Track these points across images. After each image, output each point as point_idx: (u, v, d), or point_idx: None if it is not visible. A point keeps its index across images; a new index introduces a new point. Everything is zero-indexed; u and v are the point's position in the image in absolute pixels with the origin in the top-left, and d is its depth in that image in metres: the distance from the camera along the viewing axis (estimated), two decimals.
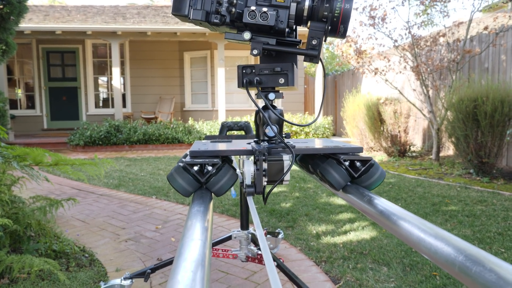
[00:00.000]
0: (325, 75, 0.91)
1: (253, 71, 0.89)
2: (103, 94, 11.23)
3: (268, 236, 2.22)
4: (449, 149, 6.52)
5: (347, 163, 0.85)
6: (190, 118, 9.52)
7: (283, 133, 0.93)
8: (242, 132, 1.93)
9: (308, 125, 0.87)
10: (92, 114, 10.81)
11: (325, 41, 0.83)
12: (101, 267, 2.34)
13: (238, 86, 0.90)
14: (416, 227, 0.57)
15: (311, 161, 0.97)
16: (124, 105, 10.76)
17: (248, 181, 0.81)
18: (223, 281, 2.14)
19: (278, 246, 2.46)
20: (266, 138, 0.91)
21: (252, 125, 8.93)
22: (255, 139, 0.96)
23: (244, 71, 0.88)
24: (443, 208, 3.50)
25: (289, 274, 1.71)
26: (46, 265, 1.93)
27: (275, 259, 1.77)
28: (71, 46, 10.68)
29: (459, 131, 4.80)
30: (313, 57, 0.84)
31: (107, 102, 11.15)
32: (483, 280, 0.41)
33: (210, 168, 0.81)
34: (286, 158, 0.83)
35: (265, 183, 0.82)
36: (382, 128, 6.82)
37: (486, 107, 4.49)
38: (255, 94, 0.91)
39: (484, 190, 4.16)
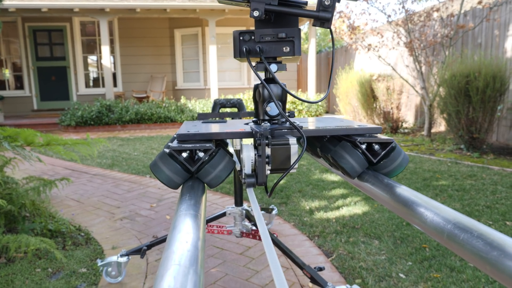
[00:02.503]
0: (333, 44, 0.78)
1: (253, 37, 0.76)
2: (93, 74, 11.05)
3: (262, 212, 2.25)
4: (440, 125, 6.58)
5: (364, 146, 0.72)
6: (182, 96, 9.44)
7: (287, 111, 0.80)
8: (235, 110, 1.92)
9: (319, 101, 0.75)
10: (82, 94, 10.67)
11: (338, 1, 0.70)
12: (97, 245, 2.36)
13: (235, 56, 0.77)
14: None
15: (319, 143, 0.85)
16: (115, 85, 10.62)
17: (247, 169, 0.69)
18: (218, 256, 2.18)
19: (272, 222, 2.50)
20: (267, 118, 0.79)
21: (245, 103, 8.87)
22: (253, 119, 0.84)
23: (241, 38, 0.75)
24: (434, 183, 3.55)
25: (283, 249, 1.75)
26: (43, 244, 1.95)
27: (269, 234, 1.80)
28: (58, 24, 10.42)
29: (451, 107, 4.83)
30: (325, 21, 0.71)
31: (97, 82, 10.99)
32: (471, 246, 0.43)
33: (201, 154, 0.68)
34: (293, 142, 0.70)
35: (268, 172, 0.70)
36: (374, 105, 6.84)
37: (478, 82, 4.50)
38: (254, 67, 0.77)
39: (474, 165, 4.23)
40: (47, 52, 10.62)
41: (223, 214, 2.02)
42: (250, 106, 8.87)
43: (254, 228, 1.91)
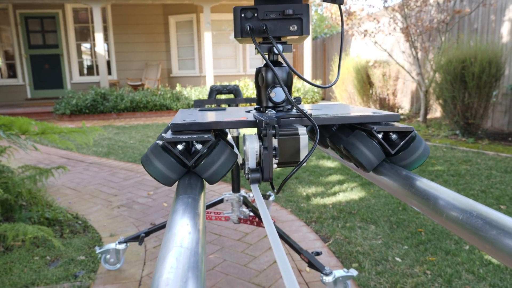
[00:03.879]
0: (342, 22, 0.70)
1: (256, 15, 0.68)
2: (87, 62, 10.93)
3: None
4: (436, 111, 6.59)
5: (380, 136, 0.65)
6: (177, 84, 9.37)
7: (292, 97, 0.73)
8: (232, 96, 1.91)
9: (331, 86, 0.68)
10: (76, 82, 10.57)
11: None
12: (95, 233, 2.37)
13: (236, 36, 0.70)
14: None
15: (327, 133, 0.79)
16: (109, 72, 10.52)
17: (251, 163, 0.62)
18: (216, 242, 2.19)
19: (269, 208, 2.51)
20: (270, 105, 0.72)
21: (241, 89, 8.80)
22: (255, 106, 0.77)
23: (243, 15, 0.68)
24: (430, 168, 3.58)
25: (280, 234, 1.76)
26: (40, 232, 1.95)
27: None
28: (51, 11, 10.26)
29: (447, 93, 4.84)
30: None
31: (91, 70, 10.87)
32: (470, 226, 0.43)
33: (199, 146, 0.61)
34: (303, 131, 0.63)
35: (275, 165, 0.63)
36: (371, 91, 6.83)
37: (474, 68, 4.50)
38: (258, 46, 0.69)
39: (469, 150, 4.26)
40: (40, 40, 10.47)
41: (221, 201, 2.03)
42: (246, 94, 8.83)
43: (251, 214, 1.92)
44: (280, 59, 0.73)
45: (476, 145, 4.49)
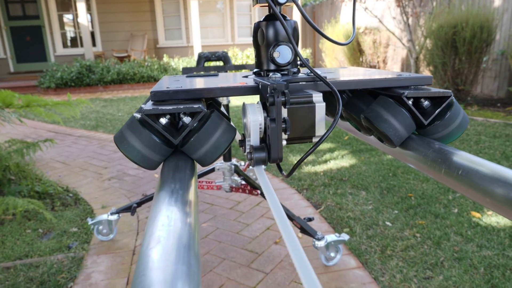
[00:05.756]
0: None
1: None
2: (70, 33, 10.58)
3: (250, 167, 2.25)
4: None
5: (410, 102, 0.55)
6: (164, 55, 9.17)
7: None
8: (221, 64, 1.86)
9: (348, 43, 0.59)
10: (60, 54, 10.27)
11: None
12: (86, 205, 2.36)
13: None
14: None
15: (342, 100, 0.67)
16: (94, 44, 10.22)
17: (254, 140, 0.50)
18: (209, 211, 2.20)
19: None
20: (272, 67, 0.61)
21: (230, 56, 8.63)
22: (254, 70, 0.65)
23: None
24: None
25: None
26: (31, 205, 1.93)
27: (258, 187, 1.82)
28: None
29: (437, 59, 4.81)
30: None
31: (75, 42, 10.55)
32: (468, 179, 0.42)
33: (187, 119, 0.50)
34: (319, 98, 0.51)
35: (284, 142, 0.51)
36: (361, 59, 6.77)
37: (465, 33, 4.46)
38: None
39: None
40: (19, 11, 10.06)
41: (212, 170, 2.02)
42: (235, 64, 8.69)
43: (243, 183, 1.92)
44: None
45: (466, 111, 4.52)
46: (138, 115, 0.49)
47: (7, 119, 2.29)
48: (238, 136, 0.60)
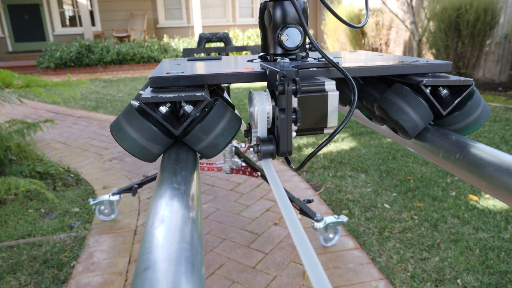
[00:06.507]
0: None
1: None
2: (68, 12, 10.44)
3: (250, 149, 2.26)
4: None
5: (428, 90, 0.51)
6: (164, 35, 9.07)
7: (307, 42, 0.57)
8: (222, 45, 1.85)
9: (362, 26, 0.55)
10: (59, 34, 10.15)
11: None
12: (88, 185, 2.38)
13: None
14: None
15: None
16: (93, 23, 10.09)
17: (261, 131, 0.46)
18: (209, 193, 2.22)
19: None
20: (279, 51, 0.57)
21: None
22: (260, 54, 0.61)
23: None
24: None
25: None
26: (33, 185, 1.95)
27: (258, 169, 1.83)
28: None
29: (440, 42, 4.77)
30: None
31: (74, 21, 10.42)
32: (465, 162, 0.43)
33: (189, 108, 0.46)
34: (331, 87, 0.47)
35: (294, 134, 0.48)
36: (363, 41, 6.71)
37: (469, 15, 4.41)
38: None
39: None
40: None
41: None
42: (235, 45, 8.59)
43: (243, 164, 1.94)
44: None
45: None
46: (136, 103, 0.46)
47: (7, 99, 2.29)
48: (243, 126, 0.56)
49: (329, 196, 2.13)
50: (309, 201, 1.70)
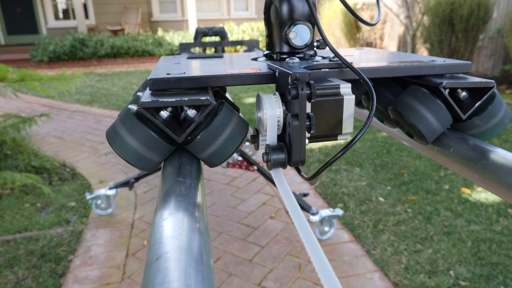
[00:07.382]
0: None
1: None
2: (62, 5, 10.32)
3: (247, 143, 2.28)
4: None
5: (447, 92, 0.47)
6: (159, 29, 9.02)
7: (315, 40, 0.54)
8: (217, 39, 1.85)
9: (375, 23, 0.52)
10: (52, 27, 10.05)
11: None
12: (84, 180, 2.38)
13: None
14: None
15: (362, 89, 0.61)
16: (86, 16, 9.99)
17: (271, 138, 0.43)
18: (206, 187, 2.24)
19: (257, 153, 2.54)
20: (285, 50, 0.53)
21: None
22: (265, 52, 0.57)
23: None
24: None
25: (268, 177, 1.80)
26: (29, 180, 1.95)
27: (254, 163, 1.84)
28: None
29: (434, 36, 4.79)
30: None
31: (67, 14, 10.31)
32: (461, 155, 0.44)
33: (192, 113, 0.43)
34: (346, 90, 0.44)
35: (307, 141, 0.44)
36: (358, 36, 6.72)
37: (463, 10, 4.43)
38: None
39: None
40: None
41: None
42: (230, 39, 8.57)
43: (239, 158, 1.95)
44: None
45: None
46: (133, 107, 0.42)
47: (2, 93, 2.28)
48: (250, 131, 0.51)
49: (324, 190, 2.15)
50: (305, 195, 1.72)
